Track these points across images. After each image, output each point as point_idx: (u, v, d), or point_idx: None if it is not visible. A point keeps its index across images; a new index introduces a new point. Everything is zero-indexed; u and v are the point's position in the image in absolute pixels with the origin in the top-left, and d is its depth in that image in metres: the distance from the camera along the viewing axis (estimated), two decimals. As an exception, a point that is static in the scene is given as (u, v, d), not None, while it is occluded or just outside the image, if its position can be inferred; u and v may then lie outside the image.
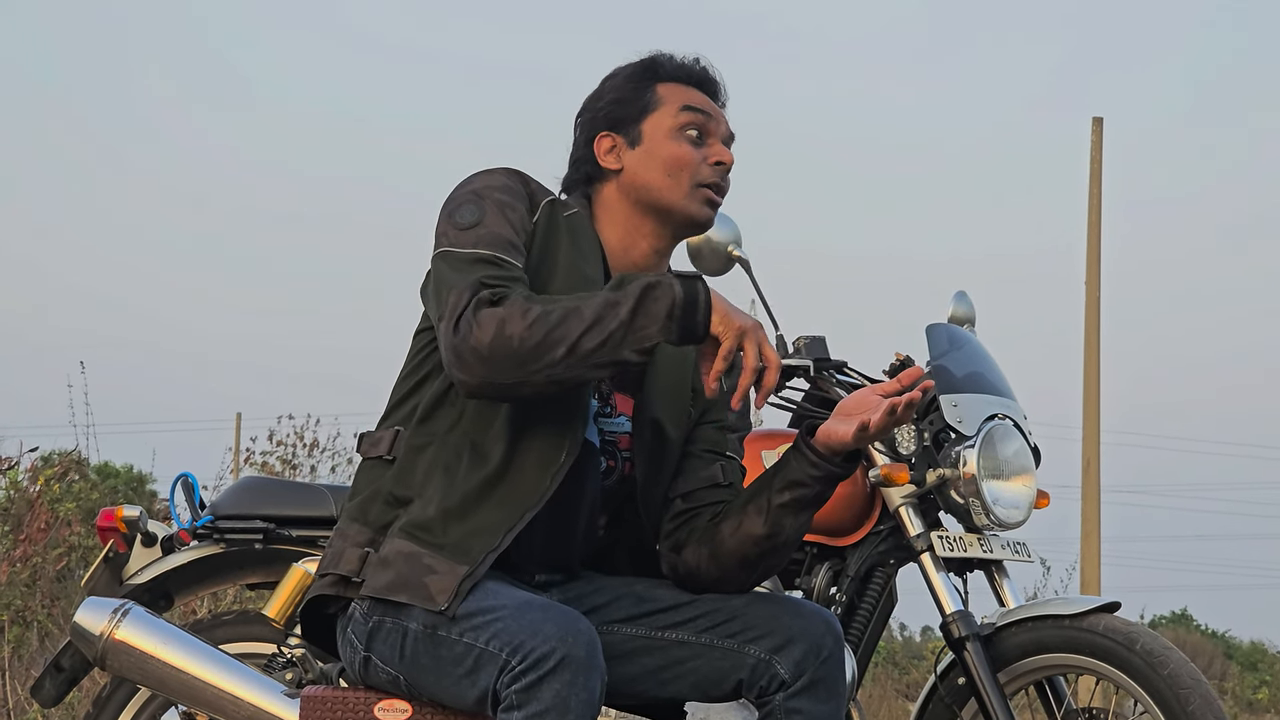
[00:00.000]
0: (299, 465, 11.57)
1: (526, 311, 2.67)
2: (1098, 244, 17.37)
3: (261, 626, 3.87)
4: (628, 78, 2.96)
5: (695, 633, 2.89)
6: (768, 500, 2.87)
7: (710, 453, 3.02)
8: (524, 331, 2.66)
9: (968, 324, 4.14)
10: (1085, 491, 17.24)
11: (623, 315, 2.66)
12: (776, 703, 2.84)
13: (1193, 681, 3.49)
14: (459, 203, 2.85)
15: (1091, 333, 17.32)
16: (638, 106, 2.93)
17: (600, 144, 2.95)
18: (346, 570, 2.82)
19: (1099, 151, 17.53)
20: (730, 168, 2.94)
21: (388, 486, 2.84)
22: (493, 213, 2.82)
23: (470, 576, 2.74)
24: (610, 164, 2.94)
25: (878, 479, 3.80)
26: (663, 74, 2.96)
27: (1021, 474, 3.86)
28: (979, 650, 3.66)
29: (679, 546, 2.95)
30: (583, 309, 2.67)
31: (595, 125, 2.96)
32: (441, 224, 2.85)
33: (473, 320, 2.69)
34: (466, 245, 2.79)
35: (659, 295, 2.67)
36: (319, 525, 3.94)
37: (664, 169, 2.91)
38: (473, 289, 2.72)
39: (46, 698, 4.00)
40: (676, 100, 2.94)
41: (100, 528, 4.03)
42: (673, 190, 2.91)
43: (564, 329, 2.66)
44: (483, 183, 2.88)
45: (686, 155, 2.91)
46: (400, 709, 2.85)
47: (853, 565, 3.85)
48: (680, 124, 2.92)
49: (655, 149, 2.92)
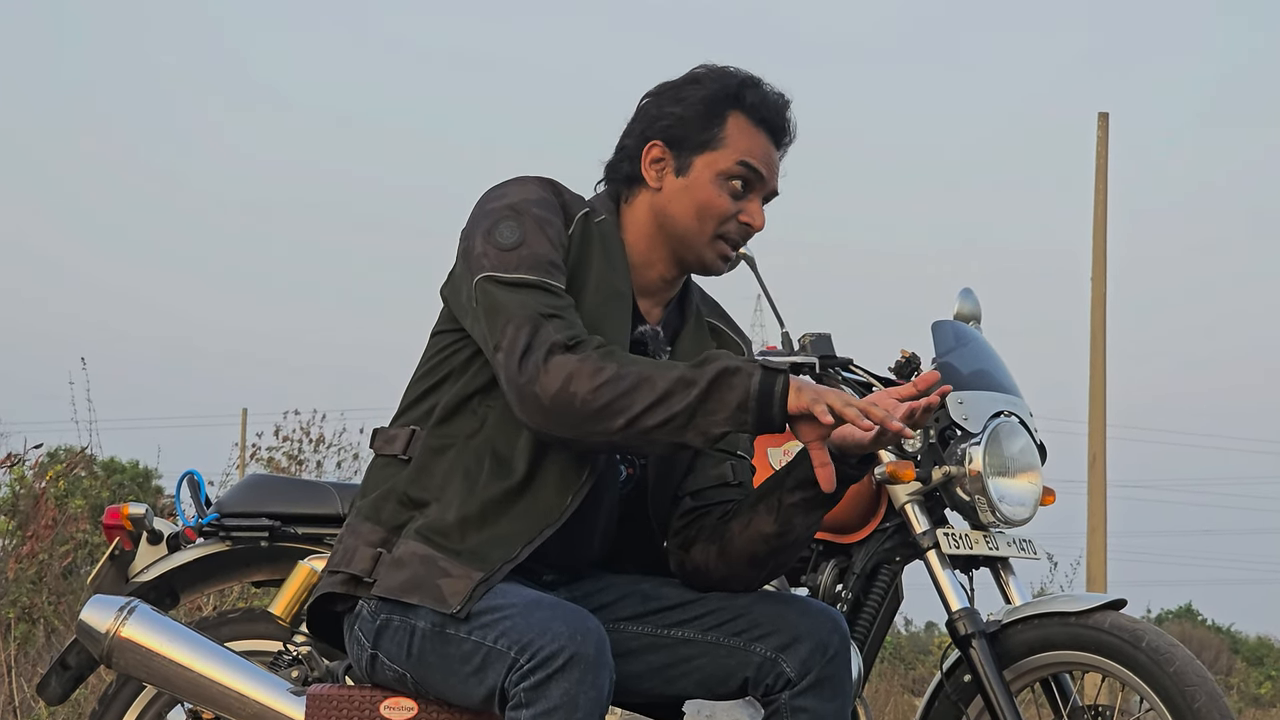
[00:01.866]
0: (305, 461, 11.57)
1: (598, 371, 2.65)
2: (1103, 239, 17.36)
3: (267, 624, 3.87)
4: (706, 98, 2.89)
5: (701, 631, 2.89)
6: (779, 499, 2.87)
7: (720, 450, 3.00)
8: (589, 394, 2.65)
9: (973, 321, 4.12)
10: (1091, 486, 17.23)
11: (692, 398, 2.64)
12: (782, 701, 2.85)
13: (1199, 679, 3.48)
14: (496, 219, 2.81)
15: (1097, 328, 17.31)
16: (700, 138, 2.88)
17: (649, 152, 2.90)
18: (359, 570, 2.81)
19: (1105, 147, 17.52)
20: (757, 231, 2.91)
21: (402, 486, 2.83)
22: (533, 230, 2.79)
23: (485, 582, 2.73)
24: (651, 178, 2.90)
25: (883, 476, 3.80)
26: (742, 105, 2.89)
27: (1027, 471, 3.85)
28: (985, 648, 3.65)
29: (687, 544, 2.95)
30: (655, 379, 2.64)
31: (654, 130, 2.90)
32: (479, 242, 2.80)
33: (541, 366, 2.67)
34: (511, 268, 2.76)
35: (735, 384, 2.63)
36: (325, 523, 3.94)
37: (695, 211, 2.88)
38: (533, 323, 2.70)
39: (53, 695, 4.00)
40: (737, 149, 2.88)
41: (106, 525, 4.03)
42: (696, 234, 2.89)
43: (630, 398, 2.64)
44: (518, 195, 2.83)
45: (722, 206, 2.88)
46: (406, 707, 2.85)
47: (859, 563, 3.84)
48: (729, 173, 2.88)
49: (696, 188, 2.88)
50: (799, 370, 3.94)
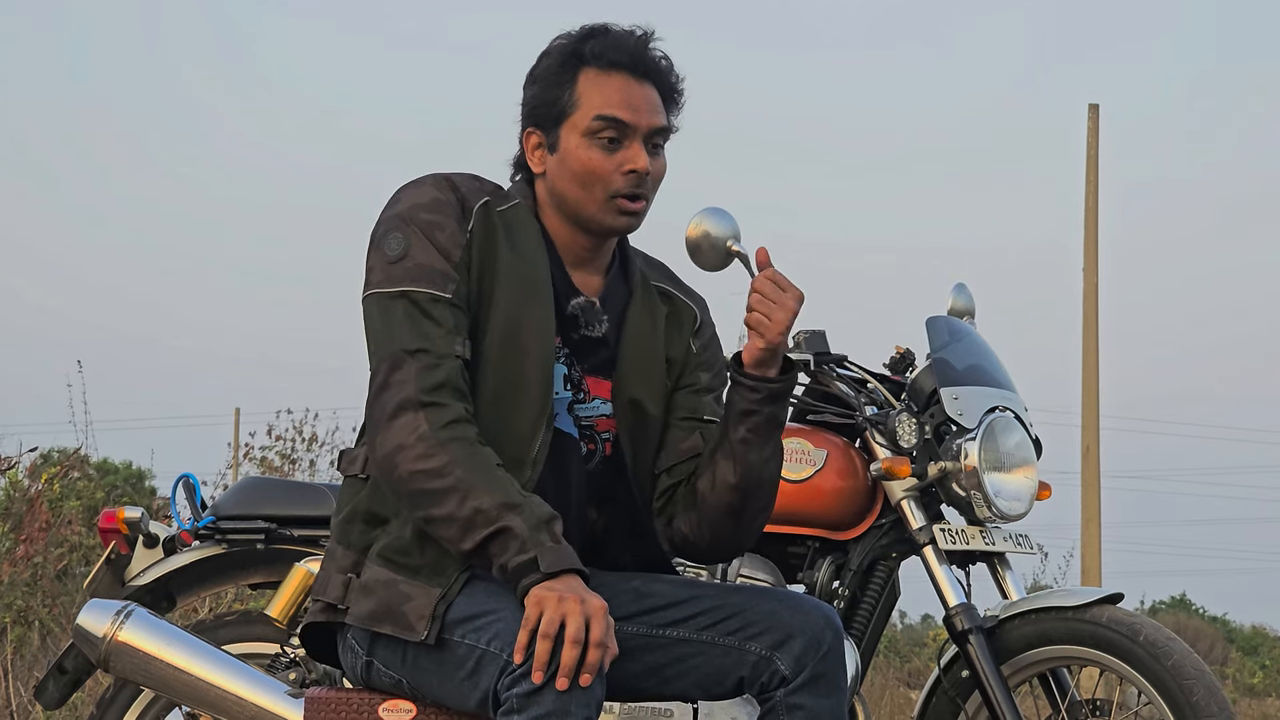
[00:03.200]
0: (298, 460, 11.57)
1: (424, 457, 2.68)
2: (1095, 231, 17.37)
3: (264, 627, 3.88)
4: (553, 67, 2.85)
5: (695, 630, 2.88)
6: (729, 443, 2.87)
7: (688, 419, 2.99)
8: (406, 475, 2.70)
9: (967, 316, 4.13)
10: (1085, 478, 17.26)
11: (478, 538, 2.66)
12: (778, 699, 2.84)
13: (1196, 672, 3.49)
14: (386, 229, 2.81)
15: (1090, 320, 17.33)
16: (557, 107, 2.84)
17: (528, 140, 2.89)
18: (333, 598, 2.83)
19: (1095, 138, 17.53)
20: (645, 174, 2.83)
21: (364, 505, 2.84)
22: (418, 240, 2.78)
23: (444, 598, 2.74)
24: (535, 165, 2.88)
25: (879, 473, 3.80)
26: (587, 58, 2.84)
27: (1023, 466, 3.86)
28: (982, 643, 3.66)
29: (670, 519, 2.95)
30: (467, 496, 2.67)
31: (524, 117, 2.89)
32: (370, 254, 2.82)
33: (385, 419, 2.72)
34: (395, 281, 2.77)
35: (509, 546, 2.65)
36: (321, 525, 3.94)
37: (577, 181, 2.83)
38: (392, 361, 2.74)
39: (50, 700, 4.00)
40: (592, 104, 2.82)
41: (102, 529, 4.03)
42: (587, 202, 2.84)
43: (434, 501, 2.69)
44: (409, 202, 2.82)
45: (598, 165, 2.82)
46: (405, 709, 2.84)
47: (855, 559, 3.85)
48: (591, 130, 2.82)
49: (568, 159, 2.83)
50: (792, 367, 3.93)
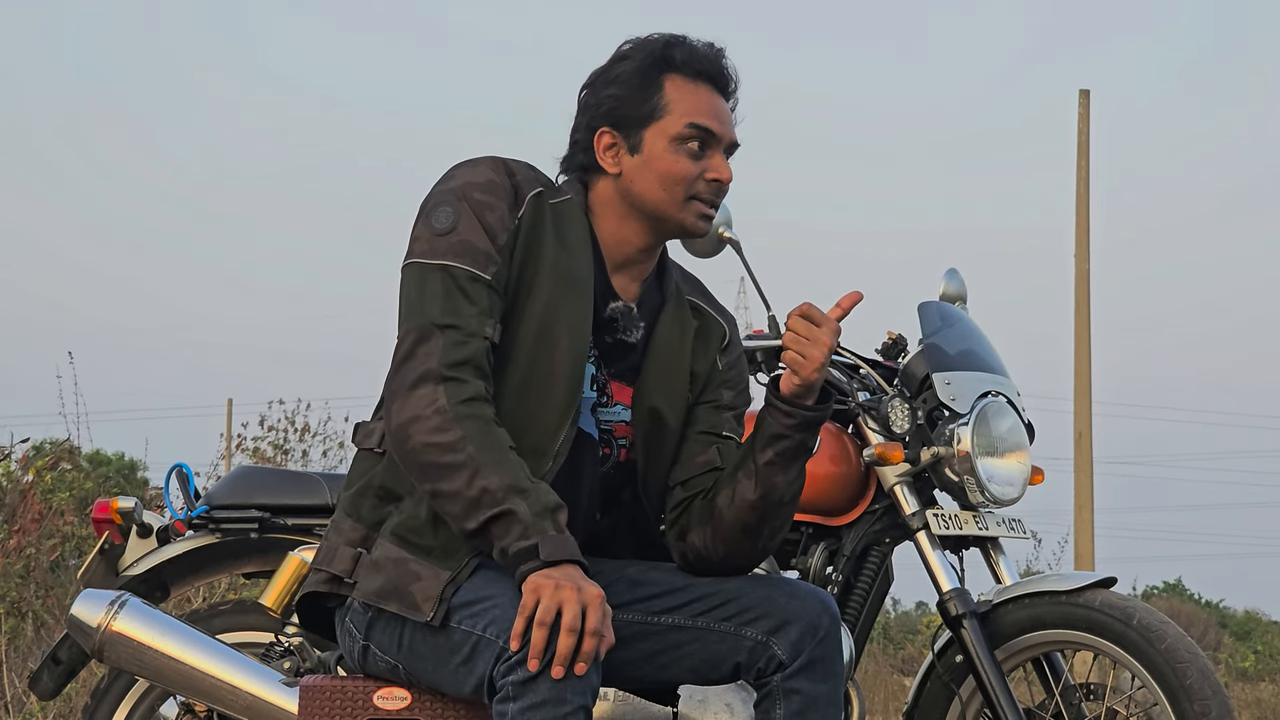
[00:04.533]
0: (291, 450, 11.58)
1: (439, 430, 2.69)
2: (1086, 217, 17.37)
3: (258, 616, 3.87)
4: (637, 71, 2.88)
5: (691, 616, 2.89)
6: (753, 463, 2.88)
7: (706, 434, 3.00)
8: (419, 447, 2.70)
9: (959, 301, 4.13)
10: (1078, 464, 17.26)
11: (481, 518, 2.67)
12: (775, 684, 2.85)
13: (1190, 655, 3.50)
14: (437, 202, 2.83)
15: (1082, 306, 17.34)
16: (643, 110, 2.87)
17: (600, 140, 2.90)
18: (340, 570, 2.83)
19: (1086, 124, 17.52)
20: (727, 184, 2.90)
21: (379, 480, 2.84)
22: (467, 217, 2.80)
23: (454, 581, 2.74)
24: (608, 165, 2.90)
25: (872, 458, 3.80)
26: (673, 66, 2.89)
27: (1016, 451, 3.86)
28: (976, 628, 3.66)
29: (684, 533, 2.95)
30: (477, 474, 2.67)
31: (598, 117, 2.90)
32: (418, 224, 2.83)
33: (405, 388, 2.73)
34: (439, 254, 2.78)
35: (510, 529, 2.65)
36: (314, 514, 3.93)
37: (660, 183, 2.87)
38: (421, 332, 2.74)
39: (44, 690, 4.00)
40: (682, 112, 2.87)
41: (95, 519, 4.02)
42: (667, 204, 2.88)
43: (444, 475, 2.69)
44: (464, 179, 2.84)
45: (684, 170, 2.87)
46: (400, 696, 2.85)
47: (848, 545, 3.85)
48: (682, 136, 2.87)
49: (654, 161, 2.87)
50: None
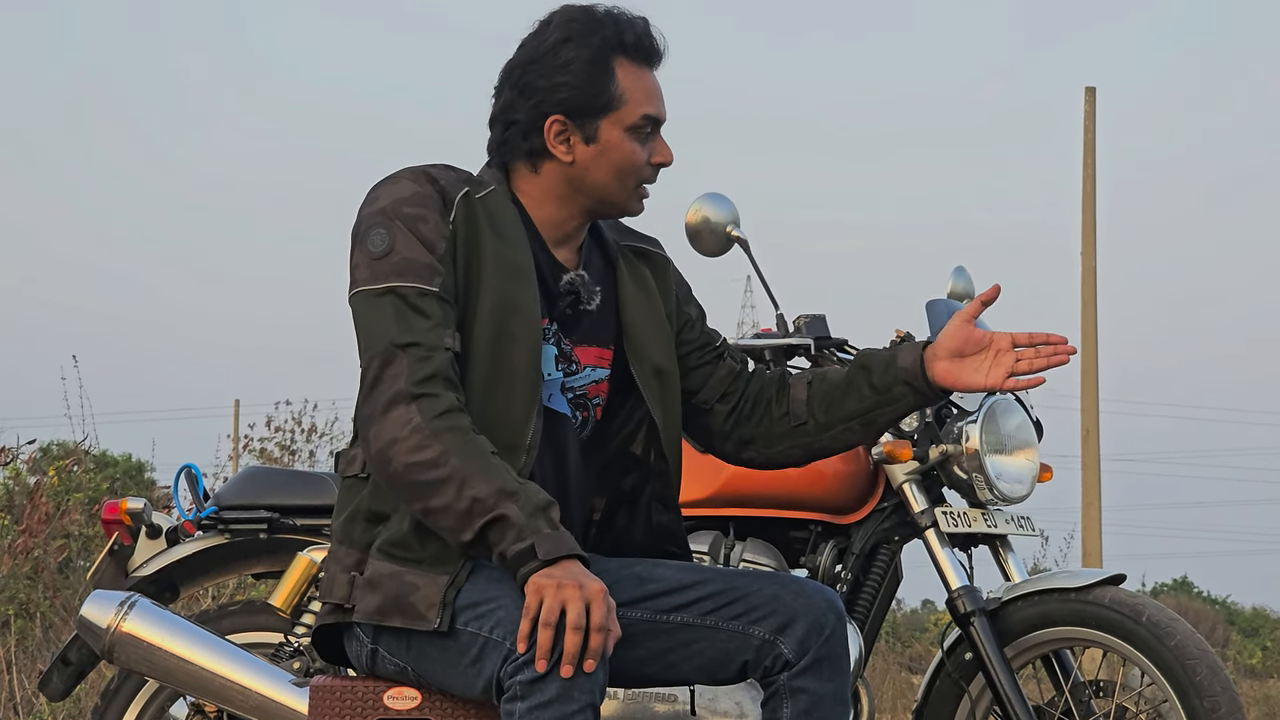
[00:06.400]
0: (298, 450, 11.59)
1: (419, 449, 2.68)
2: (1093, 214, 17.35)
3: (268, 616, 3.88)
4: (589, 60, 2.87)
5: (699, 615, 2.89)
6: (859, 414, 3.03)
7: (708, 350, 3.10)
8: (402, 468, 2.70)
9: (966, 299, 4.13)
10: (1085, 461, 17.25)
11: (476, 527, 2.66)
12: (781, 682, 2.84)
13: (1199, 652, 3.50)
14: (368, 226, 2.82)
15: (1088, 303, 17.32)
16: (599, 102, 2.87)
17: (551, 128, 2.88)
18: (339, 598, 2.83)
19: (1092, 121, 17.50)
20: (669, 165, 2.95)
21: (365, 504, 2.85)
22: (402, 235, 2.79)
23: (453, 584, 2.74)
24: (561, 154, 2.89)
25: (880, 456, 3.80)
26: (624, 50, 2.89)
27: (1024, 448, 3.86)
28: (985, 625, 3.66)
29: (744, 443, 3.09)
30: (465, 485, 2.66)
31: (548, 105, 2.88)
32: (355, 253, 2.82)
33: (379, 413, 2.72)
34: (381, 278, 2.78)
35: (506, 534, 2.65)
36: (323, 514, 3.94)
37: (616, 173, 2.90)
38: (384, 356, 2.73)
39: (54, 692, 4.01)
40: (637, 102, 2.89)
41: (105, 520, 4.03)
42: (618, 191, 2.92)
43: (431, 491, 2.69)
44: (390, 197, 2.83)
45: (638, 160, 2.90)
46: (410, 696, 2.85)
47: (857, 543, 3.85)
48: (637, 126, 2.89)
49: (610, 151, 2.89)
50: (794, 352, 3.94)
